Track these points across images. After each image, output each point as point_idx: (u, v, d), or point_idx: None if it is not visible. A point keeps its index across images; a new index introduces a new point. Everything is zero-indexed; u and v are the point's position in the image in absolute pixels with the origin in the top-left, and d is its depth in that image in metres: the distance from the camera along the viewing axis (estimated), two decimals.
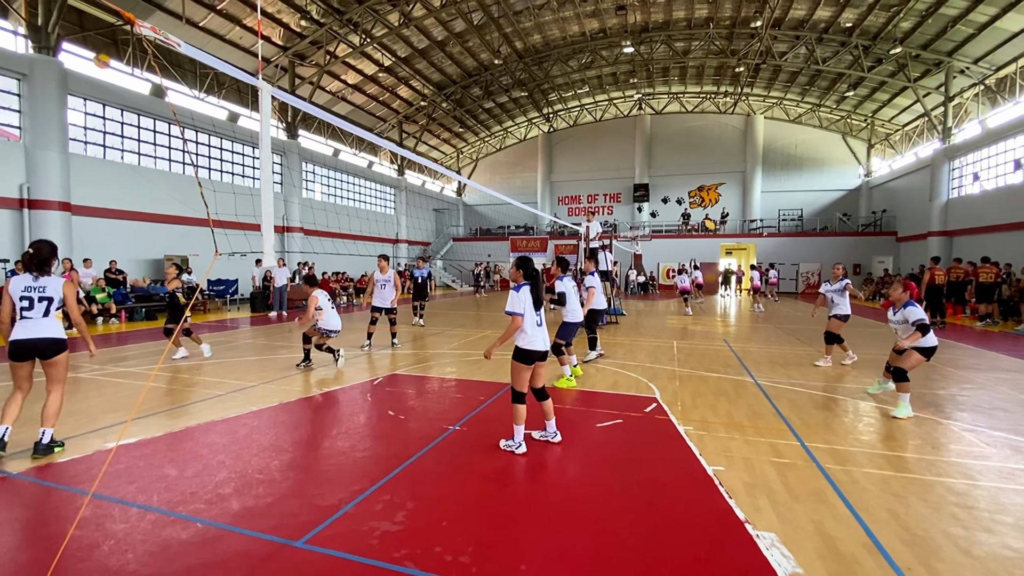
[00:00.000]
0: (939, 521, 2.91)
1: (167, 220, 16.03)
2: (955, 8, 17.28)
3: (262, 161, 2.79)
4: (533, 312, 3.99)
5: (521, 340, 3.97)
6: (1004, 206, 17.47)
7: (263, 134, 2.84)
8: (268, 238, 2.74)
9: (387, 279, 8.89)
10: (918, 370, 7.21)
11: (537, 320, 4.01)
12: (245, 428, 4.54)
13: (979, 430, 4.58)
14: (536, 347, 3.95)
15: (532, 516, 2.99)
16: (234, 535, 2.76)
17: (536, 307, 4.00)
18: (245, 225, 7.91)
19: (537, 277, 4.06)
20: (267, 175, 2.82)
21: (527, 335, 3.95)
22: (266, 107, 2.84)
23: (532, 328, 3.96)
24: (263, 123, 2.86)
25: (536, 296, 3.98)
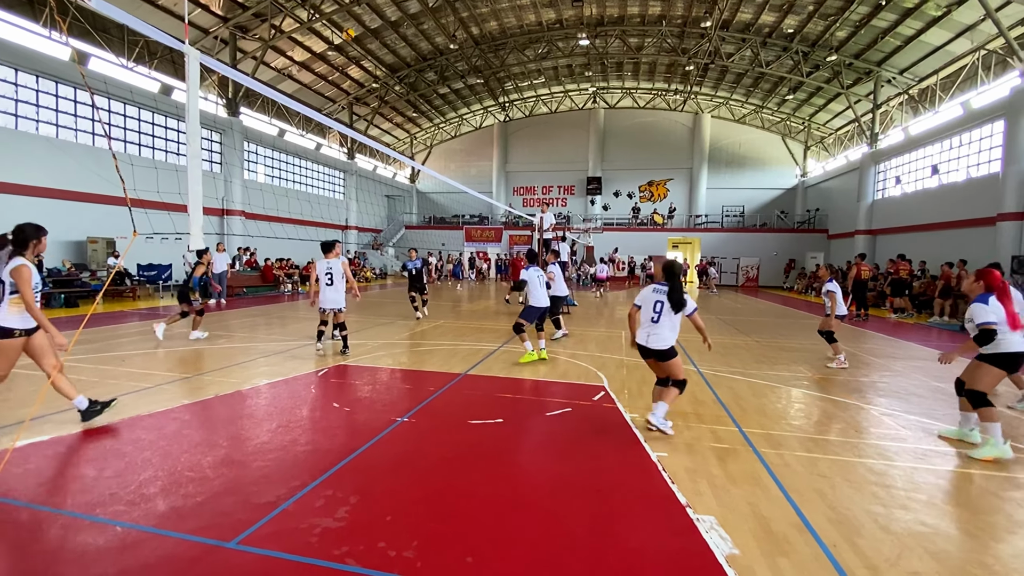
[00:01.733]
0: (861, 500, 3.12)
1: (91, 199, 14.76)
2: (885, 21, 18.45)
3: (188, 135, 2.57)
4: (651, 308, 4.13)
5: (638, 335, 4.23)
6: (922, 208, 18.97)
7: (190, 105, 2.61)
8: (196, 219, 2.54)
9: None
10: (852, 358, 7.73)
11: (653, 316, 4.12)
12: (175, 423, 4.25)
13: (896, 414, 4.95)
14: (639, 340, 4.17)
15: (479, 507, 2.96)
16: (158, 538, 2.56)
17: (675, 309, 4.07)
18: (177, 206, 7.39)
19: (676, 282, 4.16)
20: (194, 149, 2.61)
21: (640, 328, 4.21)
22: (194, 75, 2.60)
23: (645, 323, 4.17)
24: (190, 93, 2.63)
25: (672, 298, 4.08)
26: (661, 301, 4.10)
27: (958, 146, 17.75)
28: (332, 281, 7.08)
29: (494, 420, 4.49)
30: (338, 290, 7.10)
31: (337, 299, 7.07)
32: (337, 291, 7.08)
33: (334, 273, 7.08)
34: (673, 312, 4.08)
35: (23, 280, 3.54)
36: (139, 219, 3.44)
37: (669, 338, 4.10)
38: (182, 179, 2.65)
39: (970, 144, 17.15)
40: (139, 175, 10.68)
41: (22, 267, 3.58)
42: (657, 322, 4.09)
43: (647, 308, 4.16)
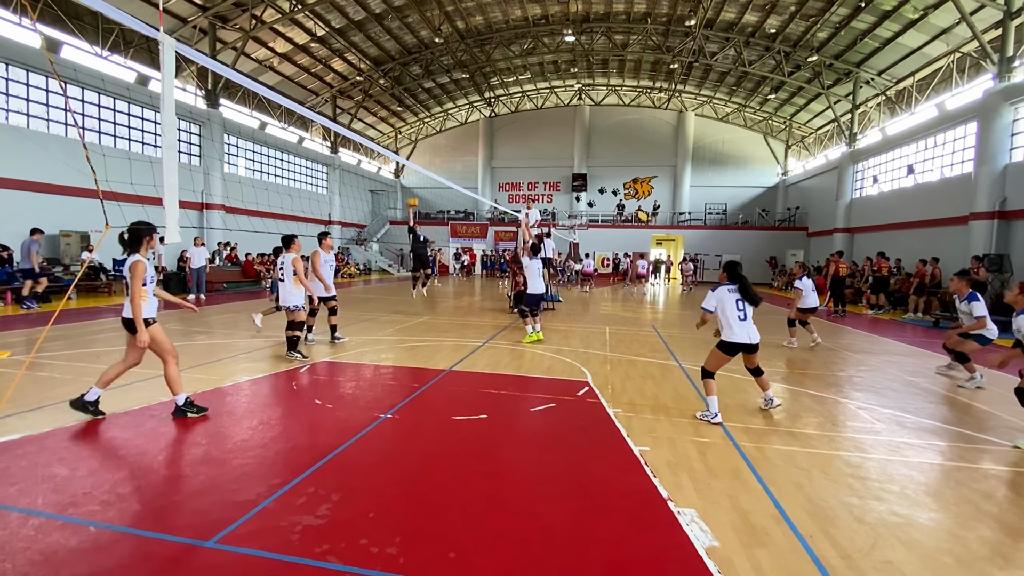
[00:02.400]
0: (837, 491, 3.19)
1: (63, 191, 14.32)
2: (864, 23, 18.78)
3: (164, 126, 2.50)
4: (734, 308, 4.40)
5: (725, 332, 4.48)
6: (898, 207, 19.40)
7: (165, 94, 2.53)
8: (171, 211, 2.47)
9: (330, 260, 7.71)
10: (820, 353, 7.90)
11: (740, 315, 4.40)
12: (152, 420, 4.16)
13: (871, 408, 5.07)
14: (739, 339, 4.39)
15: (462, 503, 2.96)
16: (134, 538, 2.51)
17: (752, 303, 4.43)
18: (152, 199, 7.23)
19: (743, 279, 4.48)
20: (170, 140, 2.54)
21: (729, 329, 4.42)
22: (169, 64, 2.53)
23: (735, 323, 4.40)
24: (165, 82, 2.55)
25: (746, 295, 4.41)
26: (739, 299, 4.43)
27: (933, 147, 18.17)
28: (284, 278, 6.73)
29: (478, 416, 4.49)
30: (287, 288, 6.67)
31: (286, 296, 6.67)
32: (286, 288, 6.68)
33: (285, 269, 6.72)
34: (752, 307, 4.46)
35: (135, 275, 3.97)
36: (113, 212, 3.35)
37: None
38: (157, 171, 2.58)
39: (944, 145, 17.58)
40: (112, 167, 10.40)
41: (137, 263, 4.01)
42: (746, 319, 4.42)
43: (731, 308, 4.42)
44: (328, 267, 7.64)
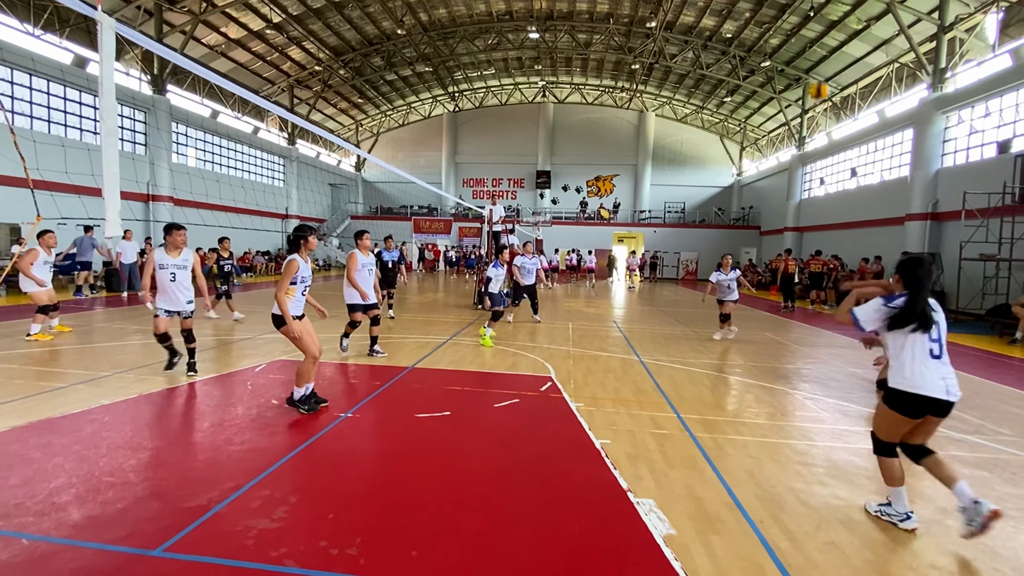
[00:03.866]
0: (785, 478, 3.35)
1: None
2: (813, 31, 19.68)
3: (103, 111, 2.34)
4: (921, 337, 2.59)
5: (899, 376, 2.61)
6: (842, 207, 20.48)
7: (104, 78, 2.37)
8: (112, 203, 2.33)
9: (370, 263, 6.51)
10: (771, 347, 8.26)
11: (933, 350, 2.58)
12: (93, 424, 3.93)
13: (817, 398, 5.34)
14: (926, 390, 2.55)
15: (425, 500, 2.94)
16: (73, 549, 2.37)
17: (924, 327, 2.60)
18: (90, 189, 6.80)
19: (924, 283, 2.63)
20: (110, 127, 2.38)
21: (908, 368, 2.59)
22: (108, 46, 2.36)
23: (923, 358, 2.57)
24: (103, 65, 2.38)
25: (917, 312, 2.60)
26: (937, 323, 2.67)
27: (874, 151, 19.27)
28: (174, 277, 5.26)
29: (441, 413, 4.46)
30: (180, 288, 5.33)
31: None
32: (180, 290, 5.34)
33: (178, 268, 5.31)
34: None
35: (286, 271, 4.18)
36: (45, 203, 3.12)
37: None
38: (96, 160, 2.43)
39: (884, 149, 18.67)
40: (45, 154, 9.72)
41: (292, 260, 4.21)
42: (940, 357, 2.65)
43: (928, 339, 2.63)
44: (367, 271, 6.45)
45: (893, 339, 2.68)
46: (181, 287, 5.32)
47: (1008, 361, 7.99)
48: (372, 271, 6.51)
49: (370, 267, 6.47)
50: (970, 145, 14.66)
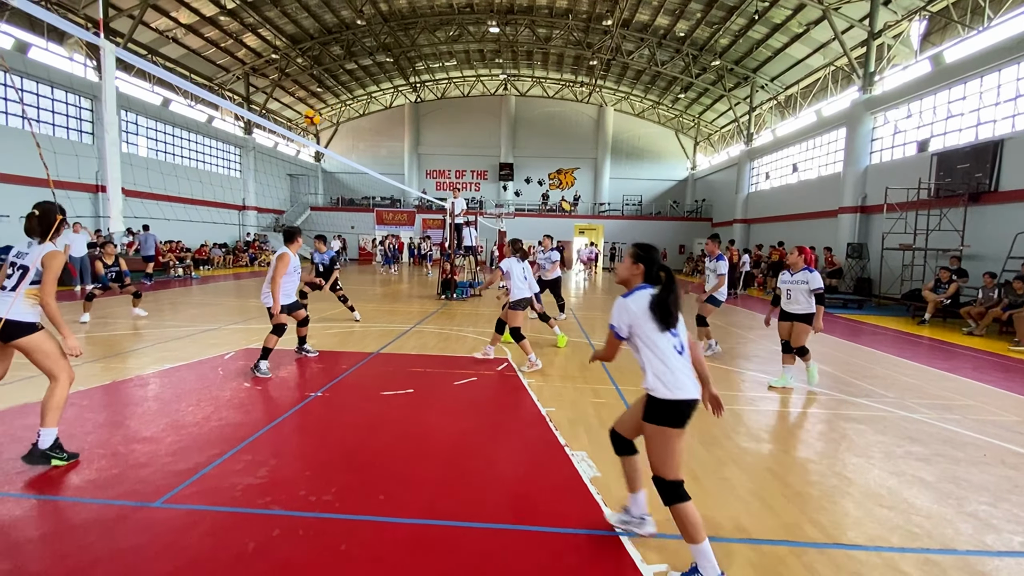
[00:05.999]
0: (697, 433, 3.97)
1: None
2: (759, 33, 20.78)
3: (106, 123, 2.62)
4: (668, 335, 2.30)
5: (658, 384, 2.25)
6: (784, 200, 21.84)
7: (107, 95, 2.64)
8: (115, 201, 2.64)
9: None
10: (717, 329, 9.04)
11: (677, 346, 2.31)
12: (73, 408, 4.17)
13: (741, 371, 6.07)
14: (685, 393, 2.24)
15: (390, 460, 3.39)
16: (79, 505, 2.71)
17: (668, 325, 2.30)
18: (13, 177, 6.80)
19: (670, 280, 2.36)
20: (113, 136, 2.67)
21: (666, 371, 2.25)
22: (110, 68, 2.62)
23: (672, 358, 2.27)
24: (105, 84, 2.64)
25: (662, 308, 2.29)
26: None
27: (813, 148, 20.62)
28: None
29: (405, 391, 4.90)
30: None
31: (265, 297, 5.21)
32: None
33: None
34: None
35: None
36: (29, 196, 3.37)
37: None
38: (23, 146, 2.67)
39: (821, 147, 20.02)
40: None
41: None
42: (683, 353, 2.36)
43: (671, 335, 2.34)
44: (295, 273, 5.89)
45: (646, 340, 2.29)
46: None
47: (915, 339, 9.05)
48: (299, 274, 5.93)
49: (298, 270, 5.88)
50: (894, 144, 16.01)
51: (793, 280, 5.27)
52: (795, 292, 5.25)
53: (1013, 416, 4.68)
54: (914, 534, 2.65)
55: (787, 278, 5.34)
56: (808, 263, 5.31)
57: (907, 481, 3.27)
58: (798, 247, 5.40)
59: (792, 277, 5.30)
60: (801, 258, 5.32)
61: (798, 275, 5.24)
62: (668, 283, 2.33)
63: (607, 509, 2.82)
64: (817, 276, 5.15)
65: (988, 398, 5.28)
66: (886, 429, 4.24)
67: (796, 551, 2.46)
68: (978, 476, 3.37)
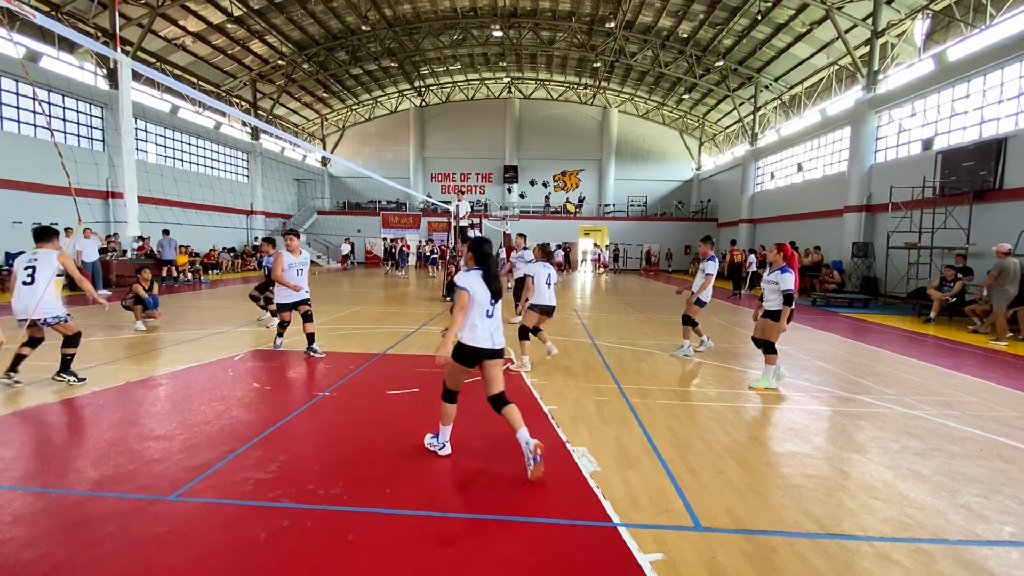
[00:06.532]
0: (697, 430, 4.04)
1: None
2: (762, 33, 20.80)
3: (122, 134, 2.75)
4: (485, 302, 3.28)
5: (464, 333, 3.29)
6: (790, 200, 21.81)
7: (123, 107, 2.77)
8: (132, 207, 2.76)
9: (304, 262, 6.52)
10: (712, 329, 9.09)
11: (488, 311, 3.31)
12: (89, 408, 4.31)
13: (742, 370, 6.12)
14: (482, 343, 3.25)
15: (396, 455, 3.49)
16: (97, 499, 2.82)
17: (494, 297, 3.33)
18: (43, 187, 6.98)
19: (491, 261, 3.39)
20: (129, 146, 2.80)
21: (474, 326, 3.27)
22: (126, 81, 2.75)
23: (480, 320, 3.27)
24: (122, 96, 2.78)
25: (490, 285, 3.30)
26: None
27: (817, 147, 20.58)
28: (32, 279, 4.69)
29: (411, 390, 5.00)
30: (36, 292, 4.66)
31: (28, 307, 4.64)
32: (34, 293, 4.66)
33: (37, 267, 4.71)
34: None
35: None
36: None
37: None
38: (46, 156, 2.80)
39: (825, 146, 19.99)
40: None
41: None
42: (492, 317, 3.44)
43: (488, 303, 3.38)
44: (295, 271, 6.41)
45: (474, 302, 3.25)
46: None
47: (920, 338, 9.05)
48: (303, 271, 6.41)
49: (299, 267, 6.37)
50: (899, 143, 15.97)
51: (768, 279, 5.24)
52: (767, 290, 5.25)
53: (1012, 412, 4.71)
54: (907, 525, 2.71)
55: (765, 276, 5.33)
56: (788, 261, 5.20)
57: (903, 475, 3.33)
58: (777, 244, 5.30)
59: (768, 276, 5.27)
60: (780, 256, 5.24)
61: (772, 274, 5.20)
62: (489, 266, 3.35)
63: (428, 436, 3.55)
64: (788, 277, 5.04)
65: (989, 395, 5.31)
66: (885, 425, 4.28)
67: (789, 540, 2.53)
68: (973, 469, 3.42)
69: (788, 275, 5.08)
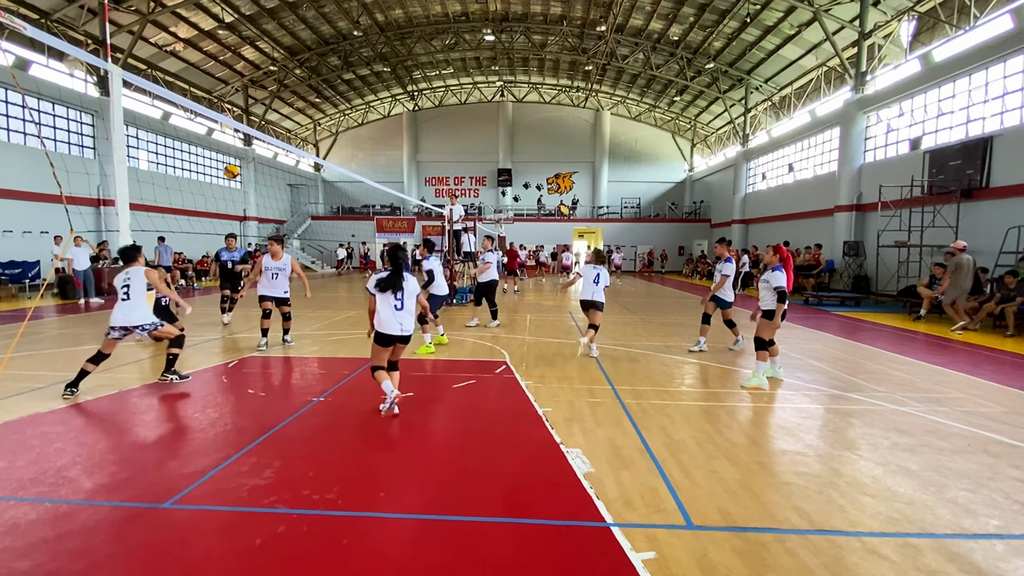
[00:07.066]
0: (690, 430, 4.08)
1: None
2: (751, 35, 20.99)
3: (112, 144, 2.76)
4: (390, 297, 4.26)
5: (377, 323, 4.30)
6: (781, 200, 21.98)
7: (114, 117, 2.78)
8: (123, 216, 2.77)
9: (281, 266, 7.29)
10: (715, 328, 9.14)
11: (396, 304, 4.27)
12: (83, 416, 4.30)
13: (735, 368, 6.17)
14: (388, 330, 4.26)
15: (392, 459, 3.51)
16: (91, 508, 2.82)
17: (394, 293, 4.26)
18: (36, 195, 6.96)
19: (400, 265, 4.28)
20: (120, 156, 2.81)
21: (381, 319, 4.28)
22: (117, 90, 2.76)
23: (386, 313, 4.27)
24: (113, 106, 2.79)
25: (391, 282, 4.24)
26: (403, 288, 4.34)
27: (808, 148, 20.78)
28: (128, 295, 4.93)
29: (405, 394, 5.00)
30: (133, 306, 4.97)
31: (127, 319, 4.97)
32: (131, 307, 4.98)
33: (131, 285, 4.92)
34: None
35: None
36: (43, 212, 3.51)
37: None
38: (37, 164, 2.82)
39: (816, 147, 20.18)
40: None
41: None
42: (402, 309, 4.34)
43: (394, 298, 4.31)
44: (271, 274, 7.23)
45: (380, 296, 4.30)
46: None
47: (910, 335, 9.15)
48: (278, 275, 7.28)
49: (275, 271, 7.24)
50: (887, 143, 16.16)
51: (763, 279, 5.44)
52: (762, 290, 5.43)
53: (999, 407, 4.78)
54: (894, 519, 2.75)
55: (762, 277, 5.50)
56: (783, 261, 5.35)
57: (892, 470, 3.37)
58: (773, 246, 5.52)
59: (763, 275, 5.46)
60: (776, 257, 5.41)
61: (766, 274, 5.39)
62: (396, 269, 4.31)
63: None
64: (779, 275, 5.21)
65: (977, 390, 5.38)
66: (875, 422, 4.34)
67: (779, 537, 2.56)
68: (961, 464, 3.48)
69: (779, 273, 5.22)
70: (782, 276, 5.21)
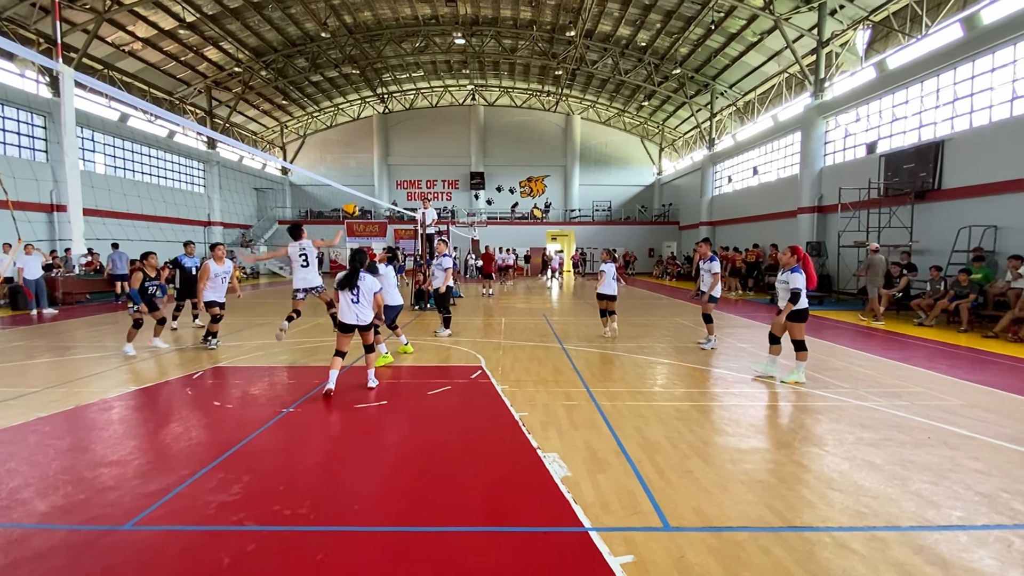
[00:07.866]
0: (664, 430, 4.13)
1: None
2: (716, 42, 21.54)
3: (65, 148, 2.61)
4: (347, 293, 5.10)
5: (340, 314, 5.21)
6: (747, 202, 22.60)
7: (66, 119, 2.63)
8: (77, 224, 2.63)
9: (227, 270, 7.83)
10: (675, 329, 9.30)
11: (352, 298, 5.10)
12: (35, 435, 4.07)
13: (707, 368, 6.29)
14: (345, 319, 5.14)
15: (365, 470, 3.43)
16: (46, 532, 2.67)
17: (349, 288, 5.08)
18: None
19: (356, 267, 5.12)
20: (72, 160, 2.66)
21: (341, 310, 5.17)
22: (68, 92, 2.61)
23: (345, 305, 5.14)
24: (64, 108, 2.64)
25: (347, 281, 5.07)
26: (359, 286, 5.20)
27: (771, 152, 21.43)
28: (307, 262, 7.04)
29: (379, 403, 4.92)
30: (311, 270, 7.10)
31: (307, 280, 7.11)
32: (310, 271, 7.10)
33: (308, 254, 7.05)
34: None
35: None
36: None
37: None
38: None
39: (779, 150, 20.83)
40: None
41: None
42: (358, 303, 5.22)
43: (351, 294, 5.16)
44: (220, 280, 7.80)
45: (340, 292, 5.13)
46: None
47: (868, 332, 9.50)
48: (226, 279, 7.84)
49: (223, 275, 7.75)
50: (845, 146, 16.79)
51: (780, 279, 5.56)
52: (780, 291, 5.55)
53: (957, 400, 5.01)
54: (862, 513, 2.84)
55: (779, 277, 5.62)
56: (800, 261, 5.44)
57: (857, 465, 3.49)
58: (791, 247, 5.58)
59: (780, 276, 5.58)
60: (794, 258, 5.48)
61: (784, 275, 5.48)
62: (352, 271, 5.09)
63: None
64: (798, 277, 5.33)
65: (935, 384, 5.62)
66: (840, 418, 4.48)
67: (754, 535, 2.61)
68: (923, 457, 3.62)
69: (797, 275, 5.35)
70: (801, 278, 5.33)
